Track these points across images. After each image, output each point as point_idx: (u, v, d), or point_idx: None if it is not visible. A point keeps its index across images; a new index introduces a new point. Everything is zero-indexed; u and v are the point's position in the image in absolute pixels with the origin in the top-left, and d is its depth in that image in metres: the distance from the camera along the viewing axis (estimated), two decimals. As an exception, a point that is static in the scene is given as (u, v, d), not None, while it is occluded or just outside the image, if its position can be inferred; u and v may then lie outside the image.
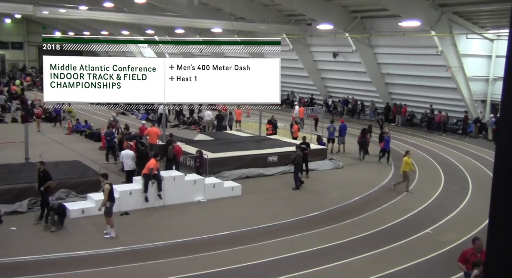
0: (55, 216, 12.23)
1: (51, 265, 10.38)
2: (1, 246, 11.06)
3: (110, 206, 11.87)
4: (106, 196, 11.80)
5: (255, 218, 13.72)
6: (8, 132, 24.87)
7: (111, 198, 11.92)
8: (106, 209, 11.82)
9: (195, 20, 34.20)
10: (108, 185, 11.91)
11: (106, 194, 11.80)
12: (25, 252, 10.78)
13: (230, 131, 26.61)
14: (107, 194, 11.78)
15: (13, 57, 65.49)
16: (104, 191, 11.87)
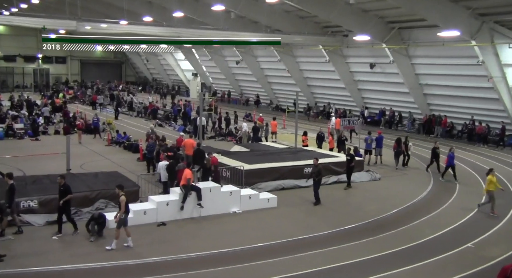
0: (95, 226, 12.50)
1: (91, 274, 10.60)
2: (43, 254, 11.36)
3: (125, 218, 12.00)
4: (123, 208, 11.91)
5: (291, 230, 13.63)
6: (51, 143, 25.72)
7: (126, 210, 12.05)
8: (121, 221, 11.92)
9: (232, 33, 34.54)
10: (124, 197, 12.03)
11: (122, 205, 11.91)
12: (66, 261, 11.04)
13: (266, 142, 26.63)
14: (123, 205, 11.90)
15: (57, 71, 67.89)
16: (121, 203, 11.96)
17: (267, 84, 46.90)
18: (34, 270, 10.57)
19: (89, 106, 44.28)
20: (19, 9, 42.13)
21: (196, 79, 58.42)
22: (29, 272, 10.51)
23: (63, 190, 12.56)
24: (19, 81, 63.46)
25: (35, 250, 11.56)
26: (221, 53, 49.53)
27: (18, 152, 22.33)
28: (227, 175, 18.05)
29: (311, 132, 26.82)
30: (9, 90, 56.68)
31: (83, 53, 70.00)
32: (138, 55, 67.97)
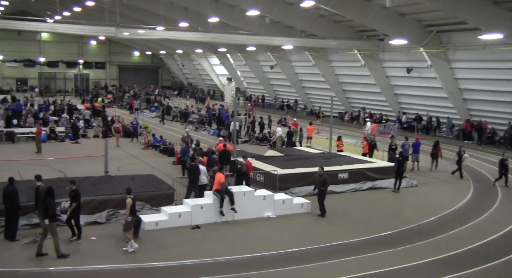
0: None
1: (124, 275, 10.80)
2: (82, 255, 11.64)
3: (131, 221, 12.13)
4: (128, 210, 12.03)
5: (325, 235, 13.51)
6: (90, 146, 26.37)
7: (133, 213, 12.17)
8: (127, 224, 12.06)
9: (267, 38, 34.73)
10: (131, 200, 12.15)
11: (128, 208, 12.03)
12: (104, 261, 11.28)
13: (300, 147, 26.53)
14: (129, 208, 12.02)
15: (96, 76, 69.79)
16: (127, 206, 12.09)
17: (301, 89, 46.79)
18: (69, 270, 10.83)
19: (127, 110, 45.21)
20: (62, 17, 43.51)
21: (231, 84, 58.88)
22: (65, 271, 10.79)
23: (73, 195, 12.46)
24: (61, 86, 65.57)
25: (73, 250, 11.83)
26: (256, 58, 49.75)
27: (60, 154, 23.00)
28: (261, 179, 18.07)
29: (346, 137, 26.56)
30: (52, 94, 58.56)
31: (121, 58, 72.06)
32: (174, 60, 69.09)
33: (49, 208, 11.40)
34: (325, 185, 15.19)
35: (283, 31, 36.51)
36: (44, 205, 11.50)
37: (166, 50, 62.96)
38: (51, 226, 11.36)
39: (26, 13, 53.22)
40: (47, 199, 11.54)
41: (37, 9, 58.33)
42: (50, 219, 11.35)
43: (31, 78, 65.38)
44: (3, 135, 27.53)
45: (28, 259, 11.27)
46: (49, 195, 11.60)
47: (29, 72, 65.14)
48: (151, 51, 70.12)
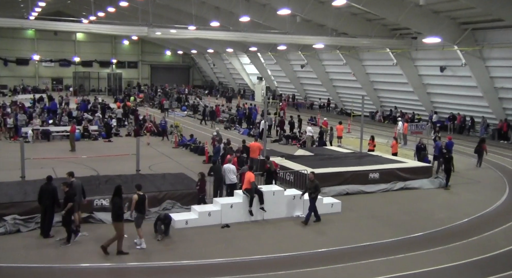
0: (161, 226, 12.89)
1: (156, 272, 10.97)
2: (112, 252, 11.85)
3: (139, 217, 12.25)
4: (133, 205, 12.16)
5: (355, 236, 13.39)
6: (122, 145, 26.85)
7: (140, 210, 12.24)
8: (135, 220, 12.24)
9: (298, 37, 34.59)
10: (137, 196, 12.24)
11: (133, 204, 12.15)
12: (135, 259, 11.48)
13: (330, 147, 26.34)
14: (134, 204, 12.15)
15: (129, 75, 70.98)
16: (132, 201, 12.23)
17: (332, 88, 46.45)
18: (105, 266, 11.06)
19: (158, 109, 45.83)
20: (96, 17, 44.42)
21: (261, 83, 58.91)
22: (99, 267, 11.02)
23: (66, 197, 12.30)
24: (95, 85, 66.96)
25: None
26: (287, 57, 49.65)
27: (93, 153, 23.50)
28: (291, 179, 18.03)
29: (377, 136, 26.24)
30: (86, 93, 59.89)
31: (153, 57, 73.07)
32: (205, 59, 69.60)
33: (115, 207, 11.65)
34: (316, 192, 14.32)
35: (314, 30, 36.30)
36: (111, 204, 11.85)
37: (198, 49, 63.50)
38: (115, 224, 11.61)
39: (62, 14, 54.76)
40: (114, 198, 11.84)
41: (73, 9, 59.74)
42: (114, 218, 11.61)
43: (66, 77, 67.02)
44: (39, 133, 28.30)
45: (61, 256, 11.55)
46: (117, 194, 11.85)
47: (64, 71, 66.79)
48: (183, 51, 70.85)
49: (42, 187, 12.72)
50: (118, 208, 11.72)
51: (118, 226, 11.64)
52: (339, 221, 14.76)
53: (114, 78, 65.83)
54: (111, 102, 44.95)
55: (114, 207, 11.75)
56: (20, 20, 32.11)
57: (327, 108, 47.88)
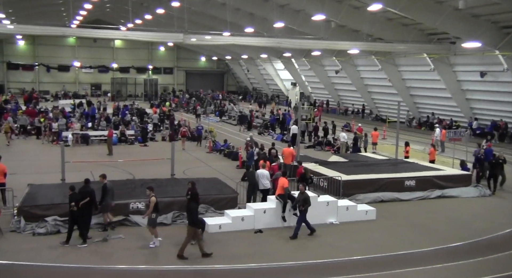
0: None
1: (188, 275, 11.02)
2: (148, 255, 12.03)
3: (156, 217, 12.45)
4: (151, 208, 12.35)
5: (390, 244, 13.14)
6: (158, 149, 27.25)
7: (157, 210, 12.48)
8: (151, 220, 12.39)
9: (332, 42, 34.39)
10: (154, 198, 12.44)
11: (152, 206, 12.35)
12: (168, 262, 11.59)
13: (365, 153, 26.00)
14: (153, 206, 12.33)
15: (164, 81, 72.17)
16: (151, 203, 12.40)
17: (367, 94, 45.91)
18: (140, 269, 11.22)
19: (193, 115, 46.33)
20: (134, 25, 45.41)
21: (295, 89, 58.76)
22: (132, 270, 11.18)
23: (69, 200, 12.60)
24: (131, 91, 68.36)
25: (140, 251, 12.25)
26: (321, 62, 49.43)
27: (129, 157, 23.96)
28: (324, 185, 17.89)
29: (413, 143, 25.75)
30: (123, 99, 61.20)
31: (188, 63, 74.07)
32: (239, 65, 70.04)
33: (192, 213, 11.83)
34: (306, 204, 13.59)
35: (349, 35, 36.02)
36: (187, 209, 12.00)
37: (232, 55, 63.98)
38: (191, 229, 11.77)
39: (101, 22, 56.26)
40: (190, 203, 12.00)
41: (112, 17, 61.29)
42: (190, 223, 11.76)
43: (104, 83, 68.68)
44: (78, 138, 29.07)
45: (98, 257, 11.79)
46: (193, 199, 12.06)
47: (103, 77, 68.48)
48: (217, 57, 71.52)
49: (80, 190, 13.03)
50: (196, 214, 11.88)
51: (191, 230, 11.76)
52: (374, 229, 14.52)
53: (150, 84, 67.02)
54: (147, 108, 45.75)
55: (192, 212, 11.84)
56: (62, 28, 33.15)
57: (362, 114, 47.37)
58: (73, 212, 12.49)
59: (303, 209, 13.56)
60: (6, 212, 14.17)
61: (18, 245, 12.36)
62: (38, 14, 48.58)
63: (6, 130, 28.72)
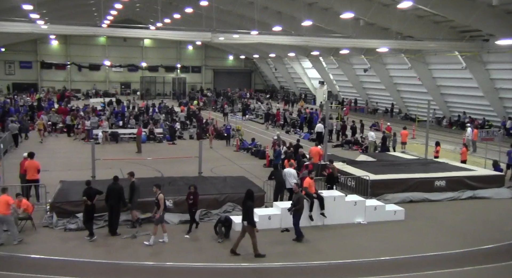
0: (222, 228, 13.06)
1: (214, 274, 11.12)
2: (176, 252, 12.16)
3: (163, 215, 12.56)
4: (162, 205, 12.47)
5: (419, 245, 12.93)
6: (186, 147, 27.51)
7: (165, 207, 12.65)
8: (161, 218, 12.50)
9: (361, 40, 34.03)
10: (162, 195, 12.57)
11: (162, 203, 12.45)
12: (196, 259, 11.70)
13: (393, 152, 25.66)
14: (162, 203, 12.45)
15: (192, 80, 72.77)
16: (160, 201, 12.48)
17: (396, 93, 45.27)
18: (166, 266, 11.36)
19: (221, 113, 46.58)
20: (163, 24, 45.91)
21: (323, 87, 58.42)
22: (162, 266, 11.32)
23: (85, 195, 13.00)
24: (160, 89, 69.18)
25: (168, 248, 12.39)
26: (349, 61, 48.98)
27: (157, 155, 24.25)
28: (352, 184, 17.73)
29: (443, 143, 25.27)
30: (151, 97, 61.99)
31: (216, 62, 74.48)
32: (267, 63, 70.02)
33: (249, 211, 11.90)
34: (298, 204, 13.10)
35: (378, 33, 35.58)
36: (244, 208, 12.01)
37: (260, 54, 64.01)
38: (249, 228, 11.81)
39: (131, 21, 57.14)
40: (247, 202, 12.03)
41: (141, 17, 62.13)
42: (249, 222, 11.80)
43: (133, 82, 69.72)
44: (108, 136, 29.60)
45: (128, 253, 11.98)
46: (249, 198, 12.13)
47: (132, 76, 69.52)
48: (245, 55, 71.68)
49: (109, 187, 13.27)
50: (252, 213, 11.92)
51: (251, 229, 11.80)
52: (402, 229, 14.32)
53: (178, 83, 67.68)
54: (175, 106, 46.19)
55: (249, 211, 11.84)
56: (93, 28, 33.78)
57: (391, 113, 46.74)
58: (88, 206, 12.77)
59: (296, 208, 13.02)
60: (39, 208, 14.54)
61: (50, 240, 12.68)
62: (70, 15, 49.61)
63: (39, 127, 29.50)
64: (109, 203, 13.15)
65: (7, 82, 63.99)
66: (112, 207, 13.12)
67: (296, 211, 13.04)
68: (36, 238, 12.79)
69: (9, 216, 12.31)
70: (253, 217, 11.92)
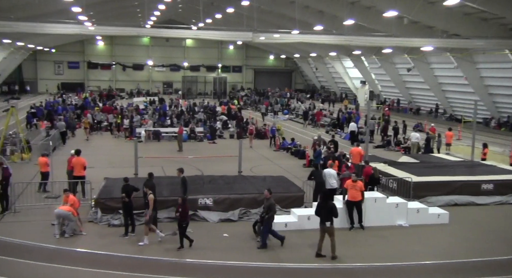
0: (261, 227, 13.05)
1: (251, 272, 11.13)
2: (215, 250, 12.26)
3: (152, 216, 12.56)
4: (151, 206, 12.52)
5: (463, 250, 12.54)
6: (226, 147, 27.70)
7: (155, 208, 12.68)
8: (151, 219, 12.54)
9: (404, 39, 33.29)
10: (152, 196, 12.59)
11: (151, 204, 12.52)
12: (235, 258, 11.76)
13: (438, 154, 24.98)
14: (152, 204, 12.50)
15: (233, 79, 73.28)
16: (150, 201, 12.55)
17: (440, 93, 44.06)
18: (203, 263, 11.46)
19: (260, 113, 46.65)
20: (205, 24, 46.45)
21: (364, 87, 57.55)
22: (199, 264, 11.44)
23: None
24: (201, 89, 70.03)
25: (207, 245, 12.50)
26: (392, 60, 48.05)
27: (198, 153, 24.52)
28: (394, 186, 17.38)
29: (491, 145, 24.41)
30: (193, 97, 62.83)
31: (257, 62, 74.72)
32: (308, 63, 69.64)
33: (333, 210, 11.95)
34: (270, 212, 12.46)
35: (422, 32, 34.73)
36: (325, 208, 11.92)
37: (301, 53, 63.74)
38: (332, 228, 11.84)
39: (173, 22, 58.09)
40: (327, 202, 12.06)
41: (183, 17, 63.06)
42: (332, 222, 11.85)
43: (175, 81, 70.87)
44: (150, 134, 30.17)
45: (167, 249, 12.17)
46: (329, 197, 12.16)
47: (174, 76, 70.69)
48: (286, 55, 71.56)
49: (144, 184, 13.52)
50: (336, 212, 11.92)
51: (333, 229, 11.83)
52: (446, 233, 13.92)
53: (219, 82, 68.27)
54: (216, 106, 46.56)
55: (333, 211, 11.87)
56: (137, 28, 34.55)
57: (435, 114, 45.54)
58: (125, 203, 13.06)
59: (268, 217, 12.45)
60: (85, 203, 14.99)
61: (95, 235, 13.05)
62: (115, 16, 50.90)
63: (85, 125, 30.41)
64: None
65: (56, 82, 66.49)
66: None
67: (268, 219, 12.46)
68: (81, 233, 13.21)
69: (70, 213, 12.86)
70: (337, 216, 11.90)
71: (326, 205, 11.93)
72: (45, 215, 14.18)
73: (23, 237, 12.59)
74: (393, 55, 45.88)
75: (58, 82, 66.49)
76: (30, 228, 13.42)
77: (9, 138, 23.89)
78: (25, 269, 10.83)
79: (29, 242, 12.31)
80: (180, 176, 14.17)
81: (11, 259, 11.26)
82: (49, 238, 12.68)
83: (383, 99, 53.78)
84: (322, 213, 11.86)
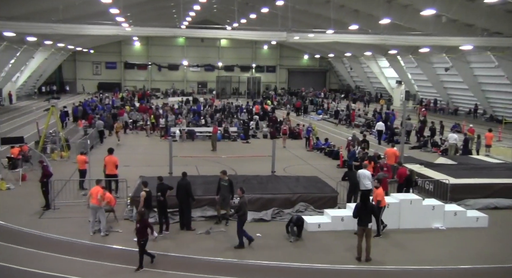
0: (294, 228, 13.02)
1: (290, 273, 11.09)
2: (248, 250, 12.28)
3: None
4: (142, 202, 12.63)
5: (503, 255, 12.16)
6: (259, 146, 27.73)
7: (148, 205, 12.69)
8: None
9: (443, 38, 32.54)
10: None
11: (142, 200, 12.65)
12: (269, 257, 11.76)
13: (476, 156, 24.30)
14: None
15: (267, 79, 73.28)
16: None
17: (480, 93, 42.82)
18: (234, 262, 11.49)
19: (294, 113, 46.51)
20: (239, 24, 46.65)
21: (400, 87, 56.52)
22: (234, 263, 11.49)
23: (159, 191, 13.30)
24: (235, 89, 70.38)
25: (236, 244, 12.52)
26: (429, 59, 47.01)
27: (232, 153, 24.64)
28: (430, 188, 17.01)
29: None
30: (227, 96, 63.20)
31: (290, 62, 74.53)
32: (342, 63, 68.98)
33: (374, 213, 12.08)
34: (240, 211, 12.14)
35: (461, 30, 33.81)
36: (366, 210, 11.82)
37: (335, 53, 63.19)
38: (371, 229, 11.90)
39: (208, 22, 58.59)
40: (368, 203, 12.03)
41: (218, 17, 63.51)
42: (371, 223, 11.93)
43: (210, 81, 71.41)
44: (184, 133, 30.51)
45: (201, 248, 12.27)
46: (367, 199, 12.20)
47: (209, 75, 71.28)
48: (320, 55, 71.06)
49: (178, 183, 13.67)
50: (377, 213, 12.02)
51: (371, 232, 11.87)
52: (484, 237, 13.54)
53: (253, 82, 68.40)
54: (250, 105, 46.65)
55: (375, 213, 12.02)
56: (173, 29, 35.01)
57: (474, 114, 44.30)
58: (160, 201, 13.22)
59: (238, 216, 12.23)
60: (120, 201, 15.28)
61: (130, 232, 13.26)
62: (151, 17, 51.71)
63: (117, 129, 29.23)
64: (179, 199, 13.56)
65: (95, 82, 68.18)
66: (181, 202, 13.52)
67: (239, 217, 12.24)
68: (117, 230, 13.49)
69: (100, 206, 13.10)
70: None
71: (365, 206, 11.79)
72: (82, 212, 14.53)
73: (61, 233, 12.96)
74: (430, 54, 44.89)
75: (96, 82, 68.17)
76: (68, 224, 13.80)
77: (49, 136, 24.61)
78: (61, 264, 11.13)
79: (66, 238, 12.66)
80: (224, 178, 14.00)
81: (47, 254, 11.60)
82: (86, 234, 13.01)
83: (419, 99, 52.69)
84: (363, 214, 11.69)
